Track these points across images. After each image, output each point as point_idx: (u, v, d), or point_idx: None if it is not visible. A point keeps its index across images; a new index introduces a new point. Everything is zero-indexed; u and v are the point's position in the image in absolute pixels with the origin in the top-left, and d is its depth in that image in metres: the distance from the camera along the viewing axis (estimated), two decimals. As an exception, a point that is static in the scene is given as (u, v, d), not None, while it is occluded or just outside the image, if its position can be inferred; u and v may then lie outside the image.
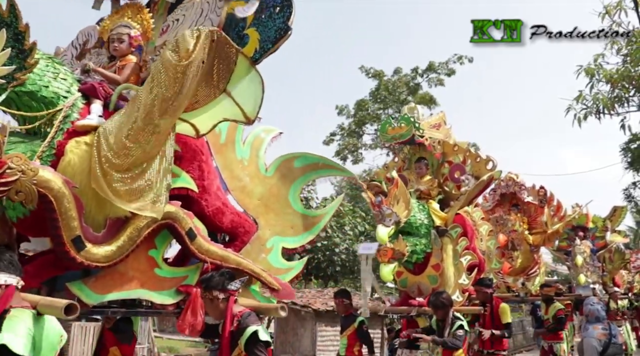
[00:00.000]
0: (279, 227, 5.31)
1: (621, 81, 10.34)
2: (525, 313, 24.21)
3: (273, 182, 5.36)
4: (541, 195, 12.05)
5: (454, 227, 8.12)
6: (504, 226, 10.96)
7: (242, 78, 4.15)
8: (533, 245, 11.76)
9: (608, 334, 6.93)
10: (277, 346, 13.67)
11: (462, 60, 23.76)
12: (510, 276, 11.30)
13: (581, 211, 12.93)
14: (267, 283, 4.87)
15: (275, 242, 5.26)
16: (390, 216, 7.20)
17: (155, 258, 4.26)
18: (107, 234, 3.89)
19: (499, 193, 12.08)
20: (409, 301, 7.95)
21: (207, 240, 4.45)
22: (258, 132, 5.46)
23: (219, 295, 4.09)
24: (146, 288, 4.15)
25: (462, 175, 8.35)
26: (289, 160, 5.45)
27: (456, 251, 8.05)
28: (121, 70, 4.54)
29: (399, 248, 7.36)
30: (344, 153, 23.17)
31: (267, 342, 3.97)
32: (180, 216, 4.23)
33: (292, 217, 5.39)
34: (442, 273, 7.90)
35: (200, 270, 4.46)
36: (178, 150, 4.35)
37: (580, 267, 12.04)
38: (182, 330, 4.26)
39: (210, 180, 4.71)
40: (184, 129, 4.27)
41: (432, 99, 23.45)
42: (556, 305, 10.50)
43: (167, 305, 4.29)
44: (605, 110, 10.41)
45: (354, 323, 7.91)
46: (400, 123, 8.26)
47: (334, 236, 17.19)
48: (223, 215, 4.80)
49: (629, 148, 20.99)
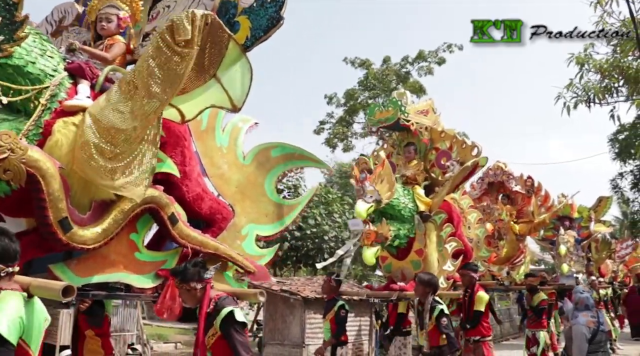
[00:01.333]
0: (254, 215, 5.30)
1: (610, 71, 10.30)
2: (512, 302, 24.22)
3: (250, 170, 5.35)
4: (528, 185, 12.03)
5: (438, 213, 8.08)
6: (490, 215, 10.91)
7: (232, 64, 4.10)
8: (519, 235, 11.71)
9: (596, 322, 6.87)
10: (265, 334, 13.58)
11: (452, 48, 23.63)
12: (496, 265, 11.27)
13: (567, 201, 12.84)
14: (244, 267, 4.85)
15: (250, 229, 5.26)
16: (372, 193, 7.17)
17: (135, 242, 4.23)
18: (92, 216, 3.84)
19: (487, 182, 12.05)
20: (391, 285, 7.85)
21: (187, 225, 4.43)
22: (236, 121, 5.43)
23: (197, 285, 4.01)
24: (127, 271, 4.13)
25: (448, 161, 8.23)
26: (266, 149, 5.45)
27: (440, 237, 8.02)
28: (109, 48, 4.48)
29: (382, 231, 7.33)
30: (334, 142, 23.06)
31: (243, 323, 3.90)
32: (164, 201, 4.20)
33: (267, 205, 5.39)
34: (425, 259, 7.89)
35: (180, 254, 4.44)
36: (163, 135, 4.28)
37: (564, 257, 12.04)
38: (160, 314, 4.23)
39: (191, 166, 4.68)
40: (169, 114, 4.22)
41: (422, 88, 23.33)
42: (540, 295, 10.47)
43: (146, 289, 4.26)
44: (596, 99, 10.32)
45: (334, 307, 7.85)
46: (387, 107, 8.17)
47: (322, 224, 17.12)
48: (202, 201, 4.77)
49: (616, 138, 21.02)
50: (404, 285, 7.76)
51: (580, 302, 7.06)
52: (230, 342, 3.79)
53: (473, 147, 8.20)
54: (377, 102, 8.49)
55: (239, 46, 4.09)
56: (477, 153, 8.12)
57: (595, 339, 6.79)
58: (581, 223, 13.87)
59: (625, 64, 10.25)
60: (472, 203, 9.40)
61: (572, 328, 7.05)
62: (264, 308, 14.07)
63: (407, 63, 23.84)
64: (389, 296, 7.79)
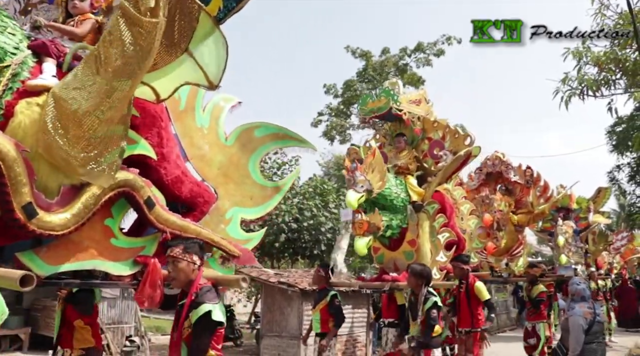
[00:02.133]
0: (239, 198, 5.12)
1: (608, 64, 10.30)
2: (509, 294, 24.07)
3: (233, 151, 5.16)
4: (527, 176, 11.80)
5: (431, 203, 7.91)
6: (489, 206, 10.70)
7: (204, 38, 3.88)
8: (518, 225, 11.51)
9: (593, 313, 6.85)
10: (263, 325, 13.51)
11: (451, 41, 23.35)
12: (495, 256, 11.06)
13: (565, 192, 12.66)
14: (227, 251, 4.69)
15: (235, 212, 5.08)
16: (363, 182, 7.00)
17: (111, 227, 4.04)
18: (61, 201, 3.63)
19: (485, 173, 11.84)
20: (383, 276, 7.68)
21: (165, 209, 4.26)
22: (217, 100, 5.23)
23: (198, 261, 3.91)
24: (102, 258, 3.94)
25: (440, 151, 8.05)
26: (249, 129, 5.25)
27: (433, 227, 7.86)
28: (79, 25, 4.23)
29: (375, 221, 7.17)
30: (332, 134, 22.81)
31: (219, 322, 3.77)
32: (139, 184, 4.01)
33: (252, 187, 5.21)
34: (418, 249, 7.74)
35: (159, 240, 4.26)
36: (137, 115, 4.11)
37: (562, 248, 11.89)
38: (140, 302, 4.07)
39: (169, 148, 4.49)
40: (142, 93, 3.98)
41: (420, 80, 23.09)
42: (539, 287, 10.31)
43: (123, 276, 4.09)
44: (590, 91, 10.30)
45: (326, 297, 7.69)
46: (379, 96, 7.97)
47: (319, 215, 16.94)
48: (182, 184, 4.59)
49: (614, 131, 20.91)
50: (396, 276, 7.60)
51: (577, 293, 7.02)
52: (193, 338, 3.69)
53: (466, 136, 8.01)
54: (370, 92, 8.22)
55: (211, 18, 3.85)
56: (470, 142, 7.93)
57: (591, 330, 6.75)
58: (580, 214, 13.70)
59: (623, 57, 10.22)
60: (465, 194, 9.20)
61: (569, 319, 6.98)
62: (262, 300, 14.03)
63: (405, 54, 23.56)
64: (381, 287, 7.63)
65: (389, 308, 8.27)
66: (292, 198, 16.87)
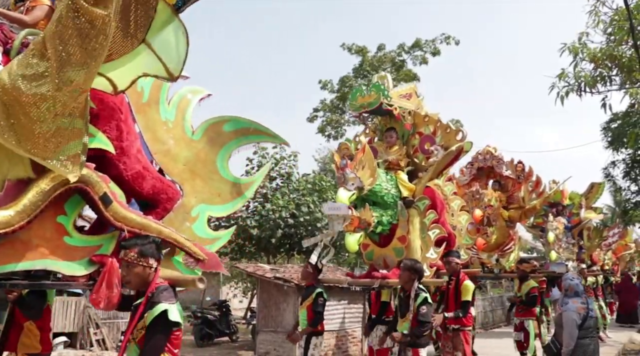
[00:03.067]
0: (206, 195, 4.83)
1: (604, 60, 10.04)
2: (505, 289, 23.92)
3: (200, 146, 4.85)
4: (519, 170, 11.56)
5: (422, 199, 7.67)
6: (479, 201, 10.45)
7: (163, 28, 3.60)
8: (509, 221, 11.30)
9: (586, 308, 6.86)
10: (259, 321, 13.40)
11: (449, 40, 23.21)
12: (485, 252, 10.83)
13: (557, 187, 12.45)
14: (192, 253, 4.37)
15: (201, 210, 4.78)
16: (353, 180, 6.75)
17: (64, 225, 3.76)
18: (5, 198, 3.38)
19: (476, 167, 11.61)
20: (372, 273, 7.47)
21: (124, 206, 3.97)
22: (184, 93, 4.93)
23: (154, 263, 3.63)
24: (54, 257, 3.65)
25: (431, 146, 7.82)
26: (218, 123, 4.94)
27: (424, 223, 7.62)
28: (30, 11, 4.00)
29: (365, 217, 6.93)
30: (327, 130, 22.65)
31: (176, 323, 3.48)
32: (94, 179, 3.73)
33: (220, 183, 4.91)
34: (408, 246, 7.49)
35: (117, 238, 3.97)
36: (93, 107, 3.82)
37: (552, 244, 11.68)
38: (96, 304, 3.75)
39: (129, 142, 4.21)
40: (99, 84, 3.69)
41: (416, 77, 22.95)
42: (530, 283, 10.11)
43: (77, 276, 3.80)
44: (587, 88, 10.01)
45: (312, 294, 7.57)
46: (370, 91, 7.72)
47: (315, 211, 16.70)
48: (143, 180, 4.30)
49: (609, 127, 20.69)
50: (386, 273, 7.35)
51: (570, 289, 7.02)
52: (147, 339, 3.39)
53: (457, 131, 7.72)
54: (360, 87, 7.94)
55: (169, 7, 3.59)
56: (461, 138, 7.64)
57: (585, 325, 6.76)
58: (572, 210, 13.50)
59: (619, 53, 9.93)
60: (455, 190, 8.97)
61: (562, 314, 6.94)
62: (258, 296, 13.92)
63: (402, 51, 23.41)
64: (370, 284, 7.37)
65: (377, 304, 8.11)
66: (289, 194, 16.67)
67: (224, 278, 22.69)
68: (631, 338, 14.25)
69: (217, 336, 16.20)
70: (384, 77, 8.06)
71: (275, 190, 16.81)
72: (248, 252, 17.38)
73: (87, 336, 14.18)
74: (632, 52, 9.71)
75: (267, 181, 16.76)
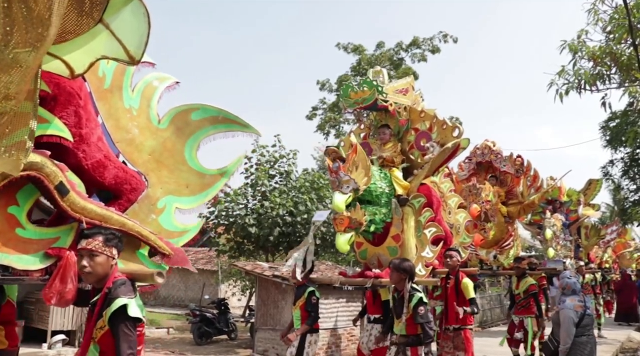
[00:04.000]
0: (173, 185, 4.60)
1: (603, 58, 9.97)
2: (502, 288, 23.66)
3: (166, 135, 4.63)
4: (517, 165, 11.28)
5: (417, 197, 7.37)
6: (477, 196, 10.17)
7: (121, 7, 3.37)
8: (508, 217, 11.02)
9: (583, 306, 6.86)
10: (258, 318, 13.34)
11: (447, 38, 22.97)
12: (483, 248, 10.56)
13: (555, 184, 12.17)
14: (157, 247, 4.14)
15: (168, 201, 4.56)
16: (348, 183, 6.45)
17: (16, 216, 3.52)
18: None
19: (475, 162, 11.34)
20: (365, 272, 7.20)
21: (83, 196, 3.73)
22: (150, 79, 4.71)
23: (116, 254, 3.39)
24: (5, 250, 3.42)
25: (427, 142, 7.54)
26: (185, 111, 4.70)
27: (419, 222, 7.34)
28: None
29: (357, 217, 6.62)
30: (326, 128, 22.43)
31: (137, 319, 3.23)
32: (48, 167, 3.49)
33: (188, 174, 4.69)
34: (403, 245, 7.21)
35: (75, 230, 3.72)
36: (48, 91, 3.58)
37: (550, 241, 11.42)
38: (47, 299, 3.42)
39: (89, 129, 3.96)
40: (53, 67, 3.47)
41: (414, 75, 22.75)
42: (528, 280, 9.86)
43: (31, 270, 3.55)
44: (587, 85, 9.94)
45: (304, 293, 7.42)
46: (362, 87, 7.42)
47: (312, 209, 16.45)
48: (105, 169, 4.07)
49: (607, 126, 20.54)
50: (379, 272, 7.09)
51: (568, 287, 7.02)
52: (116, 339, 3.12)
53: (454, 127, 7.43)
54: (350, 83, 7.61)
55: None
56: (458, 134, 7.36)
57: (582, 323, 6.78)
58: (570, 207, 13.23)
59: (618, 51, 9.85)
60: (453, 187, 8.68)
61: (560, 312, 6.91)
62: (256, 294, 13.82)
63: (400, 49, 23.18)
64: (363, 284, 7.10)
65: (374, 304, 7.83)
66: (288, 192, 16.44)
67: (222, 276, 22.53)
68: (629, 337, 14.11)
69: (216, 334, 16.05)
70: (379, 72, 7.76)
71: (274, 188, 16.53)
72: (246, 250, 17.19)
73: (86, 334, 14.04)
74: (631, 51, 9.62)
75: (266, 179, 16.50)
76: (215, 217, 16.19)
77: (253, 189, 16.51)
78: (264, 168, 16.65)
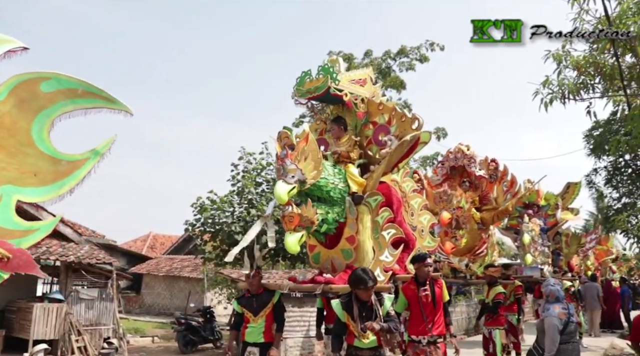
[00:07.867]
0: (14, 173, 3.53)
1: (587, 68, 9.92)
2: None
3: (5, 109, 3.55)
4: (492, 170, 10.21)
5: (374, 195, 6.32)
6: (448, 202, 9.11)
7: None
8: (481, 223, 9.92)
9: (567, 313, 6.59)
10: (243, 327, 12.12)
11: (434, 47, 22.05)
12: (455, 256, 9.48)
13: (532, 187, 11.10)
14: None
15: (6, 192, 3.50)
16: (294, 172, 5.49)
17: None
18: None
19: (447, 167, 10.28)
20: (315, 277, 6.10)
21: None
22: None
23: None
24: None
25: (385, 136, 6.47)
26: (32, 81, 3.61)
27: (376, 222, 6.31)
28: None
29: (308, 215, 5.65)
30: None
31: None
32: None
33: (37, 160, 3.62)
34: (358, 247, 6.16)
35: None
36: None
37: (527, 246, 10.39)
38: None
39: None
40: None
41: (402, 83, 21.85)
42: (497, 288, 8.76)
43: None
44: (571, 95, 9.78)
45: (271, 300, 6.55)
46: (318, 74, 6.38)
47: (299, 217, 15.47)
48: None
49: (591, 134, 19.73)
50: (330, 278, 6.01)
51: (551, 295, 6.79)
52: None
53: (414, 119, 6.36)
54: (308, 71, 6.53)
55: None
56: (417, 126, 6.29)
57: (566, 330, 6.55)
58: (548, 211, 12.11)
59: (601, 61, 9.82)
60: (415, 187, 7.60)
61: (544, 320, 6.63)
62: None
63: (388, 57, 22.29)
64: (312, 290, 6.02)
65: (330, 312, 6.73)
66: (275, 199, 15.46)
67: (208, 284, 21.59)
68: (612, 343, 13.19)
69: (202, 342, 15.32)
70: (335, 61, 6.77)
71: (261, 196, 15.55)
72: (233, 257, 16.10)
73: (69, 343, 13.16)
74: (614, 61, 9.62)
75: (252, 187, 15.55)
76: (202, 224, 15.27)
77: (239, 197, 15.57)
78: (250, 176, 15.69)
